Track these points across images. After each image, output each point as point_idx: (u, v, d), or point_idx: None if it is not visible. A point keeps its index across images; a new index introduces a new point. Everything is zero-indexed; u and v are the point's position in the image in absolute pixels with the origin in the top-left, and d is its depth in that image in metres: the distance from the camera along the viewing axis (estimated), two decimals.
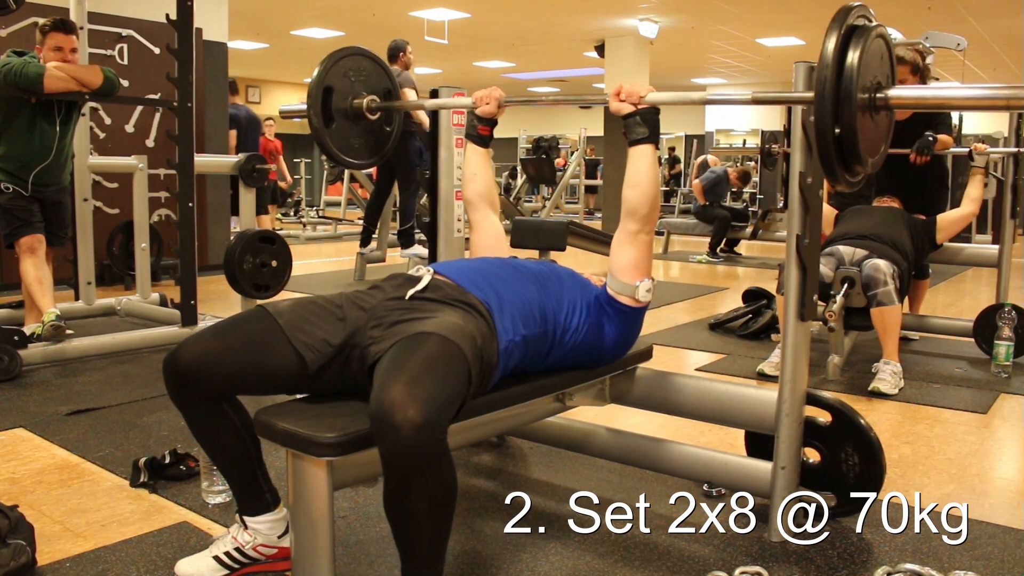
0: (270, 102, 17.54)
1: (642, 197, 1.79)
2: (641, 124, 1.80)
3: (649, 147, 1.81)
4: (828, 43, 1.44)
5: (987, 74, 13.53)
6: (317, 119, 2.13)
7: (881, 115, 1.56)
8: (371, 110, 2.23)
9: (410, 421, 1.24)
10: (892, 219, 3.63)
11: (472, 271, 1.72)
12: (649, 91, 1.80)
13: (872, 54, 1.48)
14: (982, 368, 3.56)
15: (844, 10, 1.49)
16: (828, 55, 1.43)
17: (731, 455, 2.04)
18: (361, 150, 2.28)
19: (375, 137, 2.31)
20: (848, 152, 1.47)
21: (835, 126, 1.43)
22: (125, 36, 5.66)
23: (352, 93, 2.21)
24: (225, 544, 1.64)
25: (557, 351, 1.76)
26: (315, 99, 2.13)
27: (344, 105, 2.21)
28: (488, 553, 1.78)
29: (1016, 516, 2.05)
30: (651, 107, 1.81)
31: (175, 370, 1.50)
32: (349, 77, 2.20)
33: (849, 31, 1.47)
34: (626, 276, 1.80)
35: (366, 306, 1.61)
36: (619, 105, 1.83)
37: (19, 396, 2.96)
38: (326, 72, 2.14)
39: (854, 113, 1.43)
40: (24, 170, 3.48)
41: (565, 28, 10.65)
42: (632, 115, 1.81)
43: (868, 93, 1.49)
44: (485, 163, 2.14)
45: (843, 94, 1.43)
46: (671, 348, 3.95)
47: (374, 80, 2.26)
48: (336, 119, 2.18)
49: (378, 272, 6.04)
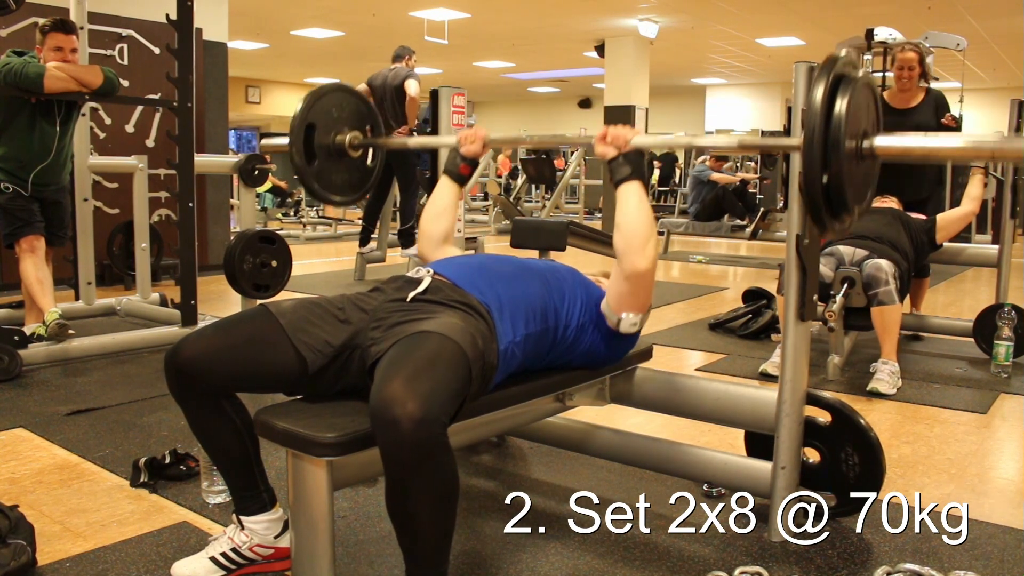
0: (270, 102, 17.54)
1: (625, 237, 1.72)
2: (624, 164, 1.75)
3: (634, 184, 1.74)
4: (816, 92, 1.44)
5: (987, 74, 13.53)
6: (299, 157, 2.07)
7: (867, 163, 1.56)
8: (354, 146, 2.18)
9: (409, 415, 1.24)
10: (892, 219, 3.63)
11: (472, 271, 1.72)
12: (635, 135, 1.77)
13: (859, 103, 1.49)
14: (982, 368, 3.56)
15: (831, 60, 1.49)
16: (816, 103, 1.43)
17: (731, 455, 2.04)
18: (343, 186, 2.22)
19: (358, 173, 2.25)
20: (836, 200, 1.47)
21: (823, 174, 1.43)
22: (125, 36, 5.66)
23: (335, 129, 2.16)
24: (222, 545, 1.64)
25: (558, 348, 1.77)
26: (297, 136, 2.07)
27: (326, 141, 2.15)
28: (488, 553, 1.78)
29: (1016, 516, 2.05)
30: (636, 150, 1.77)
31: (176, 366, 1.50)
32: (331, 114, 2.15)
33: (837, 80, 1.47)
34: (613, 304, 1.78)
35: (367, 308, 1.62)
36: (604, 149, 1.77)
37: (19, 396, 2.96)
38: (308, 109, 2.08)
39: (842, 161, 1.43)
40: (24, 170, 3.48)
41: (565, 28, 10.65)
42: (615, 158, 1.76)
43: (855, 141, 1.49)
44: (455, 204, 2.06)
45: (831, 142, 1.43)
46: (671, 348, 3.95)
47: (357, 116, 2.21)
48: (318, 156, 2.12)
49: (378, 272, 6.04)
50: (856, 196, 1.52)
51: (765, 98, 16.17)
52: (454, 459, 1.33)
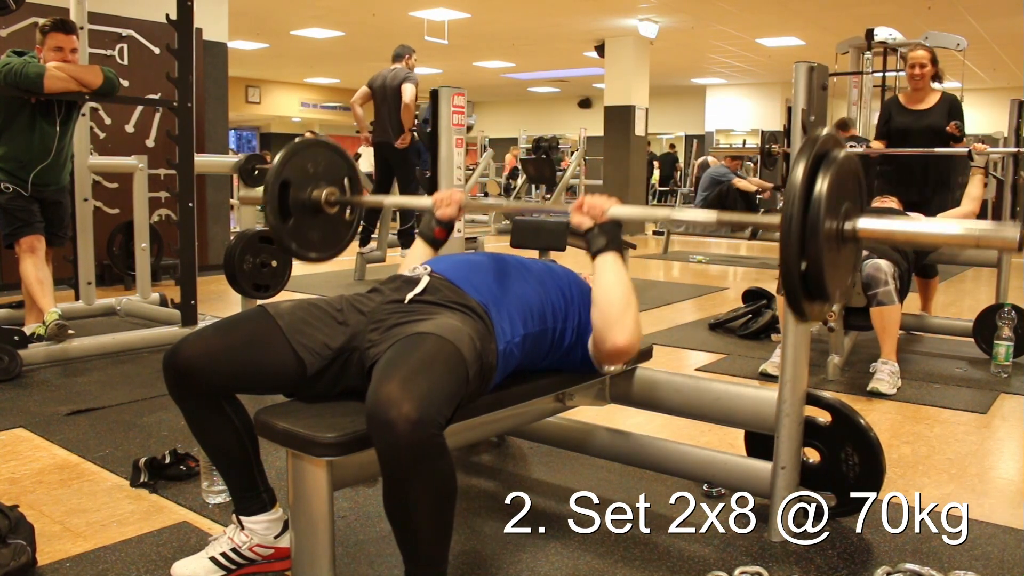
0: (270, 102, 17.54)
1: (601, 312, 1.66)
2: (600, 235, 1.69)
3: (611, 256, 1.68)
4: (796, 171, 1.37)
5: (987, 74, 13.53)
6: (273, 216, 2.02)
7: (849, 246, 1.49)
8: (330, 203, 2.12)
9: (405, 417, 1.24)
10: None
11: (470, 269, 1.72)
12: (612, 205, 1.71)
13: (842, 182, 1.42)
14: (982, 368, 3.56)
15: (812, 139, 1.43)
16: (795, 185, 1.37)
17: (731, 455, 2.04)
18: (320, 243, 2.16)
19: (335, 228, 2.20)
20: (814, 287, 1.41)
21: (801, 261, 1.37)
22: (125, 36, 5.66)
23: (311, 185, 2.11)
24: (222, 545, 1.64)
25: (557, 350, 1.76)
26: (272, 195, 2.01)
27: (302, 197, 2.09)
28: (488, 553, 1.78)
29: (1016, 516, 2.05)
30: (612, 220, 1.71)
31: (175, 366, 1.50)
32: (307, 169, 2.10)
33: (819, 158, 1.41)
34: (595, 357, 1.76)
35: (365, 309, 1.62)
36: (580, 219, 1.72)
37: (19, 396, 2.96)
38: (283, 166, 2.03)
39: (821, 247, 1.36)
40: (24, 170, 3.48)
41: (565, 28, 10.65)
42: (591, 229, 1.70)
43: (836, 223, 1.43)
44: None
45: (810, 227, 1.37)
46: (671, 348, 3.95)
47: (333, 171, 2.16)
48: (294, 213, 2.07)
49: (378, 272, 6.04)
50: (836, 281, 1.45)
51: (765, 98, 16.17)
52: (451, 460, 1.33)
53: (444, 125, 2.43)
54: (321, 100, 18.55)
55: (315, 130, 14.19)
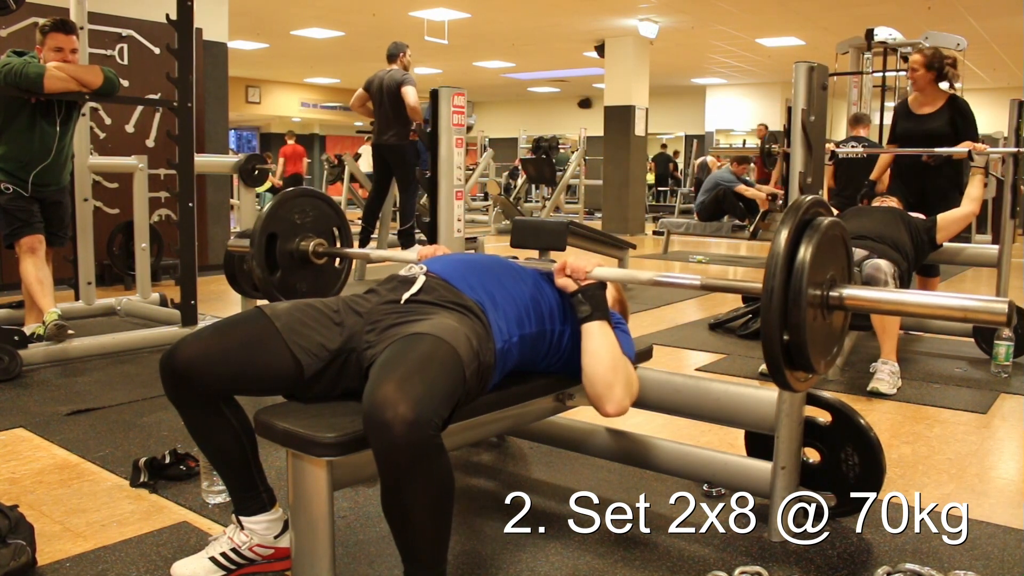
0: (270, 102, 17.54)
1: (589, 382, 1.65)
2: (583, 302, 1.68)
3: (596, 324, 1.66)
4: (779, 239, 1.35)
5: (987, 74, 13.54)
6: (260, 268, 2.03)
7: (834, 315, 1.47)
8: (317, 255, 2.13)
9: (401, 418, 1.25)
10: (892, 219, 3.63)
11: (466, 269, 1.72)
12: (595, 265, 1.72)
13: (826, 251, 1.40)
14: (982, 368, 3.56)
15: (796, 206, 1.40)
16: (778, 253, 1.34)
17: (731, 455, 2.04)
18: (308, 293, 2.15)
19: (324, 278, 2.21)
20: (797, 357, 1.38)
21: (783, 332, 1.35)
22: (125, 36, 5.66)
23: (299, 236, 2.11)
24: (221, 545, 1.64)
25: (555, 352, 1.76)
26: (259, 247, 2.01)
27: (290, 248, 2.10)
28: (488, 553, 1.78)
29: (1016, 516, 2.05)
30: (596, 283, 1.71)
31: (172, 369, 1.50)
32: (295, 219, 2.09)
33: (803, 224, 1.39)
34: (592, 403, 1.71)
35: (362, 310, 1.62)
36: (564, 282, 1.71)
37: (19, 396, 2.96)
38: (270, 218, 2.04)
39: (803, 316, 1.34)
40: (24, 170, 3.48)
41: (565, 28, 10.65)
42: (574, 294, 1.70)
43: (821, 291, 1.41)
44: None
45: (792, 296, 1.34)
46: (671, 348, 3.95)
47: (321, 222, 2.15)
48: (281, 265, 2.08)
49: (378, 272, 6.04)
50: (820, 351, 1.42)
51: (765, 98, 16.17)
52: (448, 460, 1.33)
53: (444, 125, 2.43)
54: (321, 100, 18.55)
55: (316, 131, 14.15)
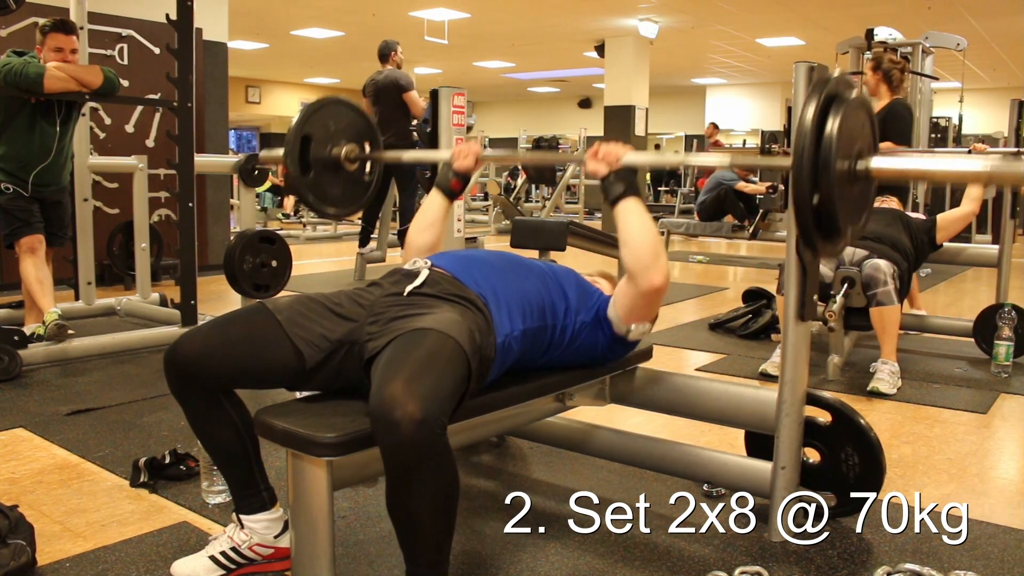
0: (270, 102, 17.53)
1: (634, 255, 1.69)
2: (616, 182, 1.74)
3: (631, 201, 1.72)
4: (807, 111, 1.42)
5: (987, 74, 13.54)
6: (294, 167, 2.07)
7: (861, 184, 1.53)
8: (350, 159, 2.17)
9: (410, 416, 1.25)
10: (892, 219, 3.63)
11: (470, 263, 1.72)
12: (626, 151, 1.75)
13: (852, 123, 1.46)
14: (982, 368, 3.56)
15: (822, 80, 1.47)
16: (807, 123, 1.41)
17: (731, 455, 2.04)
18: (339, 198, 2.21)
19: (354, 186, 2.24)
20: (827, 222, 1.45)
21: (813, 194, 1.41)
22: (125, 36, 5.66)
23: (331, 142, 2.15)
24: (221, 544, 1.64)
25: (557, 347, 1.76)
26: (293, 147, 2.06)
27: (322, 154, 2.14)
28: (488, 553, 1.78)
29: (1016, 516, 2.05)
30: (627, 167, 1.75)
31: (175, 363, 1.51)
32: (329, 126, 2.14)
33: (829, 99, 1.45)
34: (623, 315, 1.77)
35: (364, 303, 1.62)
36: (596, 166, 1.76)
37: (19, 396, 2.96)
38: (305, 121, 2.07)
39: (832, 182, 1.41)
40: (24, 170, 3.48)
41: (565, 28, 10.65)
42: (607, 176, 1.75)
43: (848, 162, 1.47)
44: (443, 218, 2.05)
45: (822, 163, 1.40)
46: (671, 348, 3.95)
47: (354, 130, 2.20)
48: (314, 168, 2.11)
49: (378, 272, 6.03)
50: (849, 218, 1.50)
51: (765, 98, 16.16)
52: (454, 459, 1.33)
53: (444, 125, 2.43)
54: None
55: None
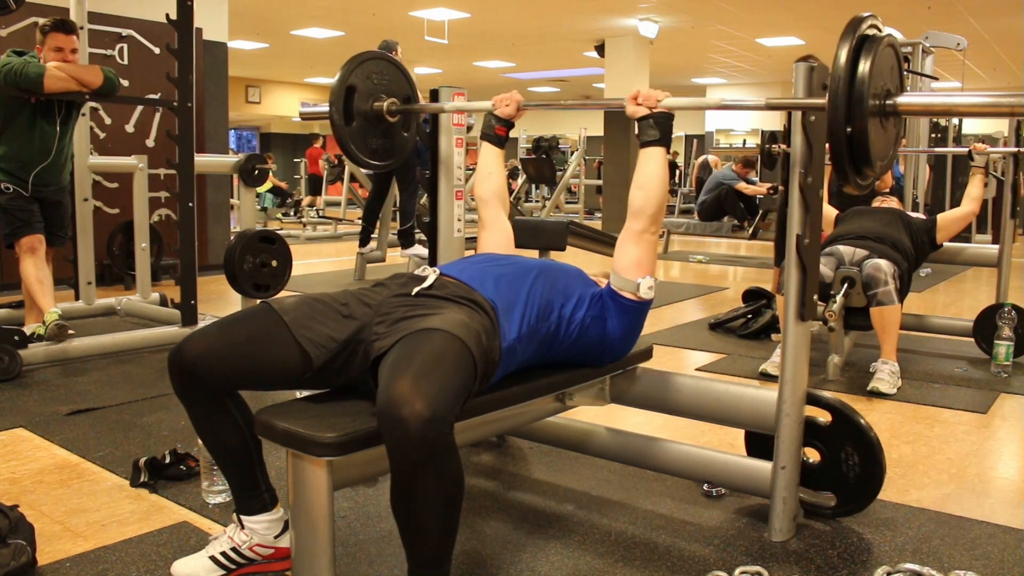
0: (270, 102, 17.53)
1: (649, 198, 1.81)
2: (653, 127, 1.84)
3: (659, 150, 1.84)
4: (841, 51, 1.52)
5: (987, 74, 13.53)
6: (339, 116, 2.19)
7: (890, 121, 1.63)
8: (391, 113, 2.27)
9: (417, 415, 1.25)
10: (892, 219, 3.63)
11: (478, 269, 1.73)
12: (666, 96, 1.84)
13: (882, 63, 1.56)
14: (982, 368, 3.56)
15: (856, 20, 1.56)
16: (841, 62, 1.51)
17: (731, 455, 2.04)
18: (378, 151, 2.34)
19: (392, 140, 2.37)
20: (859, 153, 1.54)
21: (847, 126, 1.51)
22: (125, 36, 5.66)
23: (373, 96, 2.27)
24: (222, 544, 1.64)
25: (561, 344, 1.77)
26: (338, 97, 2.18)
27: (365, 107, 2.26)
28: (488, 553, 1.78)
29: (1016, 516, 2.05)
30: (665, 112, 1.84)
31: (180, 364, 1.50)
32: (372, 79, 2.25)
33: (861, 40, 1.54)
34: (629, 273, 1.81)
35: (371, 302, 1.62)
36: (635, 108, 1.86)
37: (19, 396, 2.96)
38: (350, 72, 2.20)
39: (865, 115, 1.50)
40: (24, 170, 3.48)
41: (565, 28, 10.65)
42: (646, 118, 1.84)
43: (878, 100, 1.57)
44: (500, 162, 2.20)
45: (855, 98, 1.51)
46: (671, 348, 3.95)
47: (395, 85, 2.32)
48: (356, 119, 2.23)
49: (378, 272, 6.04)
50: (879, 152, 1.59)
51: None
52: (460, 459, 1.34)
53: (444, 125, 2.43)
54: (321, 100, 18.37)
55: (316, 131, 14.16)
